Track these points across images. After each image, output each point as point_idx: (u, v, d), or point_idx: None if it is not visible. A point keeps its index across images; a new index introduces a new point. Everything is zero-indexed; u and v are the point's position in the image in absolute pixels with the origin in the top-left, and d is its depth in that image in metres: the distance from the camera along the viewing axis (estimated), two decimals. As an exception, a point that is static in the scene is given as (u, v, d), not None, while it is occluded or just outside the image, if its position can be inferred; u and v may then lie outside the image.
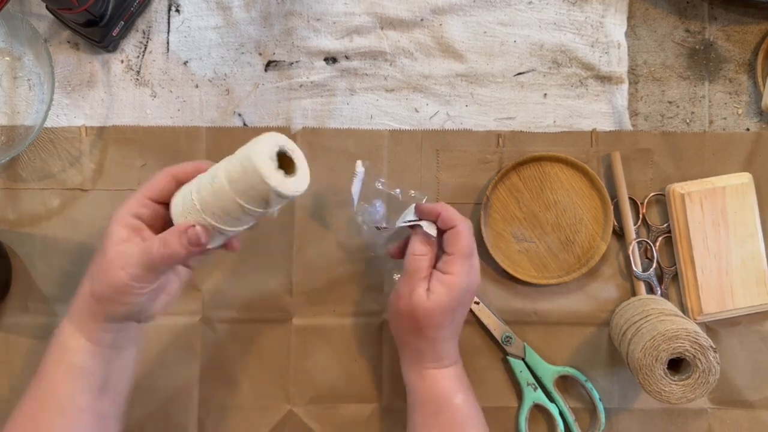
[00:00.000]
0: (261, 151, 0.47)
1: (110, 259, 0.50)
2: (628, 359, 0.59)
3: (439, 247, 0.58)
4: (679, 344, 0.56)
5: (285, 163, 0.49)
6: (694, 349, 0.56)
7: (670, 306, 0.62)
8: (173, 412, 0.65)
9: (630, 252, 0.65)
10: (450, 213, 0.56)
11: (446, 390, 0.58)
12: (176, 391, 0.65)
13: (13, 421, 0.53)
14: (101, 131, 0.66)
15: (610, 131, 0.66)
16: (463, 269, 0.55)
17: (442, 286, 0.55)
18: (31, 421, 0.53)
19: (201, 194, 0.49)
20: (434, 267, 0.57)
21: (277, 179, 0.47)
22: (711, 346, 0.56)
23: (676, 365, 0.58)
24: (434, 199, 0.66)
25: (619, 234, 0.66)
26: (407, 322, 0.57)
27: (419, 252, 0.57)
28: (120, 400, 0.57)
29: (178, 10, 0.67)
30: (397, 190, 0.65)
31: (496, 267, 0.65)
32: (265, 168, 0.46)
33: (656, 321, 0.58)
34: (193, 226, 0.49)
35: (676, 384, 0.56)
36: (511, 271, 0.65)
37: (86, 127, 0.66)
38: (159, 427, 0.65)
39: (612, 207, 0.65)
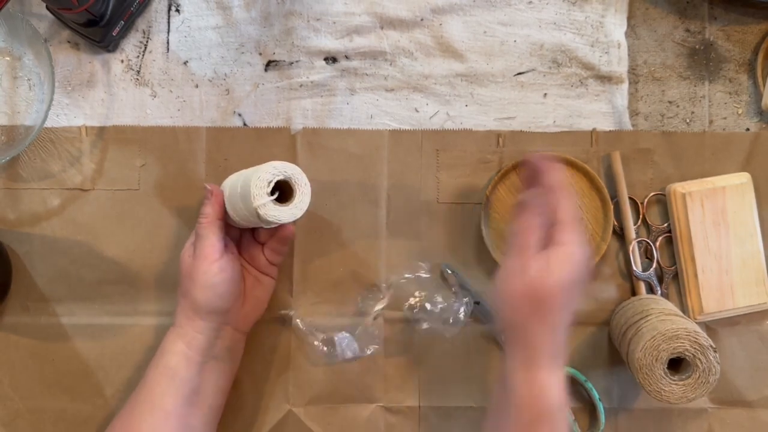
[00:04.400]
0: (260, 176, 0.53)
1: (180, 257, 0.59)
2: (628, 359, 0.59)
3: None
4: (679, 344, 0.56)
5: (286, 190, 0.55)
6: (694, 348, 0.56)
7: (670, 306, 0.62)
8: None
9: (630, 252, 0.65)
10: (552, 173, 0.51)
11: (558, 400, 0.50)
12: (176, 390, 0.65)
13: (118, 414, 0.58)
14: (101, 131, 0.66)
15: (610, 131, 0.66)
16: (576, 237, 0.50)
17: (559, 260, 0.49)
18: (127, 415, 0.57)
19: (226, 191, 0.58)
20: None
21: (262, 203, 0.53)
22: (711, 346, 0.56)
23: (677, 365, 0.58)
24: (434, 199, 0.66)
25: (619, 234, 0.66)
26: (525, 305, 0.50)
27: (526, 225, 0.51)
28: (210, 416, 0.59)
29: (178, 10, 0.67)
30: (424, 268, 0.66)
31: (498, 267, 0.65)
32: (256, 191, 0.53)
33: (656, 321, 0.58)
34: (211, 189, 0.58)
35: (676, 384, 0.56)
36: (511, 271, 0.65)
37: (86, 127, 0.66)
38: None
39: (612, 207, 0.65)
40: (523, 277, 0.50)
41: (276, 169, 0.54)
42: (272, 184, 0.54)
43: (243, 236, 0.62)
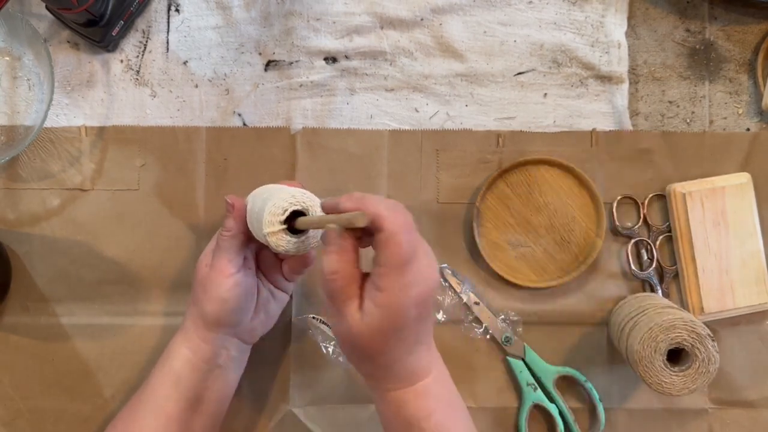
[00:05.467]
0: (276, 203, 0.50)
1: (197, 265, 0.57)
2: (627, 353, 0.59)
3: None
4: (676, 334, 0.56)
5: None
6: (692, 338, 0.56)
7: (666, 301, 0.62)
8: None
9: (629, 252, 0.65)
10: (374, 209, 0.43)
11: (415, 413, 0.48)
12: (176, 391, 0.65)
13: (119, 415, 0.57)
14: (101, 131, 0.66)
15: (610, 131, 0.66)
16: (397, 283, 0.43)
17: (375, 307, 0.44)
18: (129, 416, 0.56)
19: (249, 205, 0.55)
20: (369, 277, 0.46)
21: (272, 230, 0.50)
22: (708, 335, 0.56)
23: (676, 357, 0.58)
24: (434, 199, 0.66)
25: (621, 234, 0.66)
26: (348, 348, 0.48)
27: (329, 271, 0.45)
28: (211, 423, 0.58)
29: (177, 10, 0.67)
30: None
31: (495, 275, 0.65)
32: (270, 218, 0.50)
33: (653, 313, 0.58)
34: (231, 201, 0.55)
35: (676, 375, 0.56)
36: (510, 279, 0.65)
37: (86, 127, 0.66)
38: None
39: (603, 202, 0.65)
40: (338, 324, 0.47)
41: (295, 198, 0.51)
42: (287, 213, 0.51)
43: (263, 248, 0.60)
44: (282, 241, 0.51)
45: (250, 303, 0.57)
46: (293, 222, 0.51)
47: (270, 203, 0.50)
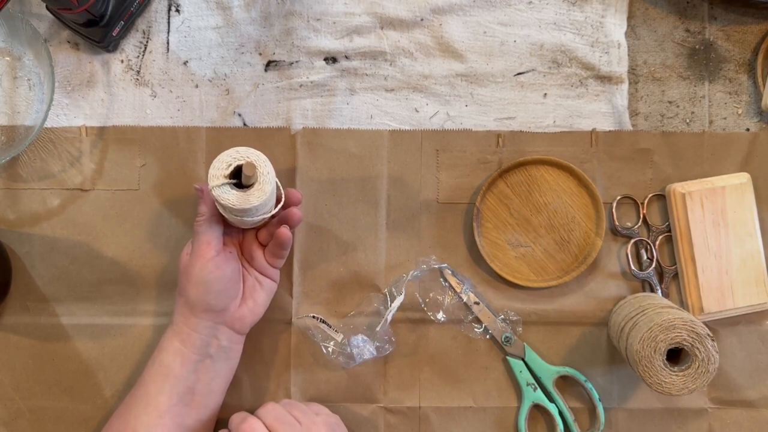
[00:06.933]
0: (220, 158, 0.53)
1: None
2: (627, 353, 0.59)
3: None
4: (676, 334, 0.56)
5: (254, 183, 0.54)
6: (692, 338, 0.56)
7: (666, 301, 0.62)
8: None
9: (628, 252, 0.65)
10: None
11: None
12: (176, 390, 0.65)
13: (115, 412, 0.59)
14: (101, 131, 0.66)
15: (610, 131, 0.66)
16: None
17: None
18: (123, 413, 0.57)
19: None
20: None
21: (217, 184, 0.52)
22: (708, 335, 0.56)
23: (676, 357, 0.58)
24: (434, 199, 0.66)
25: (621, 234, 0.66)
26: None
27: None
28: (205, 417, 0.59)
29: (178, 10, 0.67)
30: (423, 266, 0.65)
31: (495, 275, 0.65)
32: (213, 172, 0.52)
33: (653, 313, 0.58)
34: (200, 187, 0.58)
35: (676, 375, 0.56)
36: (510, 278, 0.65)
37: (86, 127, 0.66)
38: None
39: (602, 202, 0.65)
40: None
41: (239, 153, 0.53)
42: (231, 167, 0.52)
43: (245, 237, 0.62)
44: (227, 194, 0.52)
45: (234, 287, 0.58)
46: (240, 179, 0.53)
47: (215, 159, 0.52)
